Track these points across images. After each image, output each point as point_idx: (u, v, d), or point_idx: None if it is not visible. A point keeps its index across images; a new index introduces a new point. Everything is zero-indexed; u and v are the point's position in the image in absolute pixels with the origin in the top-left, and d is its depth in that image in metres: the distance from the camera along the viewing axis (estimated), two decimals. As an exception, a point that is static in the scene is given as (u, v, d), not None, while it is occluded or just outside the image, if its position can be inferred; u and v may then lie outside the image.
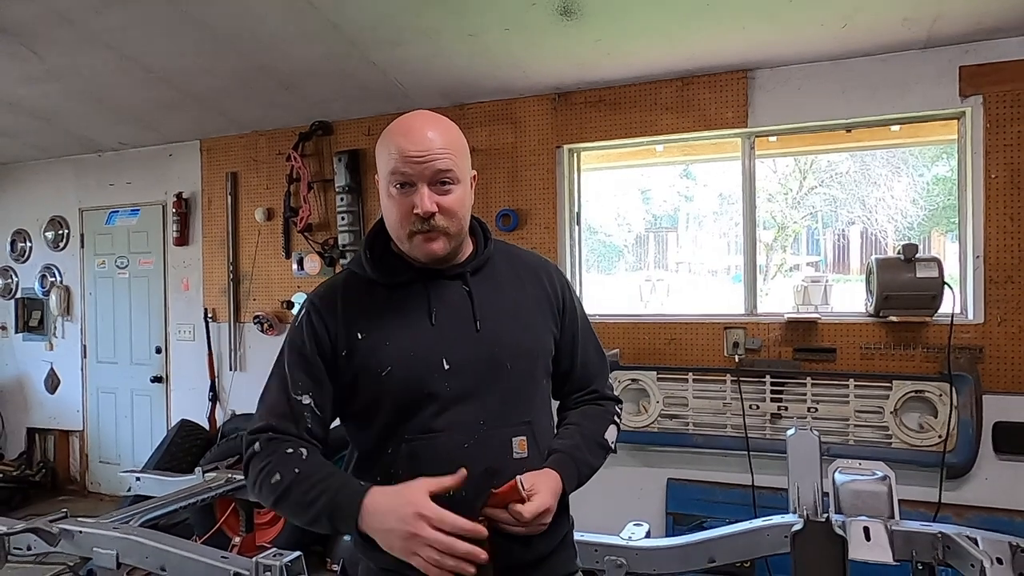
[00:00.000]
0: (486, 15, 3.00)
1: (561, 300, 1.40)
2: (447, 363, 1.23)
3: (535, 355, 1.33)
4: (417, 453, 1.22)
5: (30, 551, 2.30)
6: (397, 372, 1.23)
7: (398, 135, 1.22)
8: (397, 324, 1.26)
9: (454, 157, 1.22)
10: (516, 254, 1.44)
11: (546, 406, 1.38)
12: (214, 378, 4.70)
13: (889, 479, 2.02)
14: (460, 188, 1.23)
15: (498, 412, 1.25)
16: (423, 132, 1.21)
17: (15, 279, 5.49)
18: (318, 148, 4.38)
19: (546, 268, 1.43)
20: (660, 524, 3.48)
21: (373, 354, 1.24)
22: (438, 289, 1.28)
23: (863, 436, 3.21)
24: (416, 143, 1.19)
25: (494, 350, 1.26)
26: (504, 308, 1.31)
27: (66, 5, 3.00)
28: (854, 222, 8.66)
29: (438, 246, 1.23)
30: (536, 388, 1.33)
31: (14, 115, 4.34)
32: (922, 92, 3.16)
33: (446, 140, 1.22)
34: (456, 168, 1.22)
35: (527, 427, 1.28)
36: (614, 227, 9.24)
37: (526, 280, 1.38)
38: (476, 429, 1.23)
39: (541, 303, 1.37)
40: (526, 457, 1.26)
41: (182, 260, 4.87)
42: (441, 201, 1.20)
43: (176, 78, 3.74)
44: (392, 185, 1.21)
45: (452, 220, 1.22)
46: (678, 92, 3.57)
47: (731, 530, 2.11)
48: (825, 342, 3.32)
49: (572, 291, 1.46)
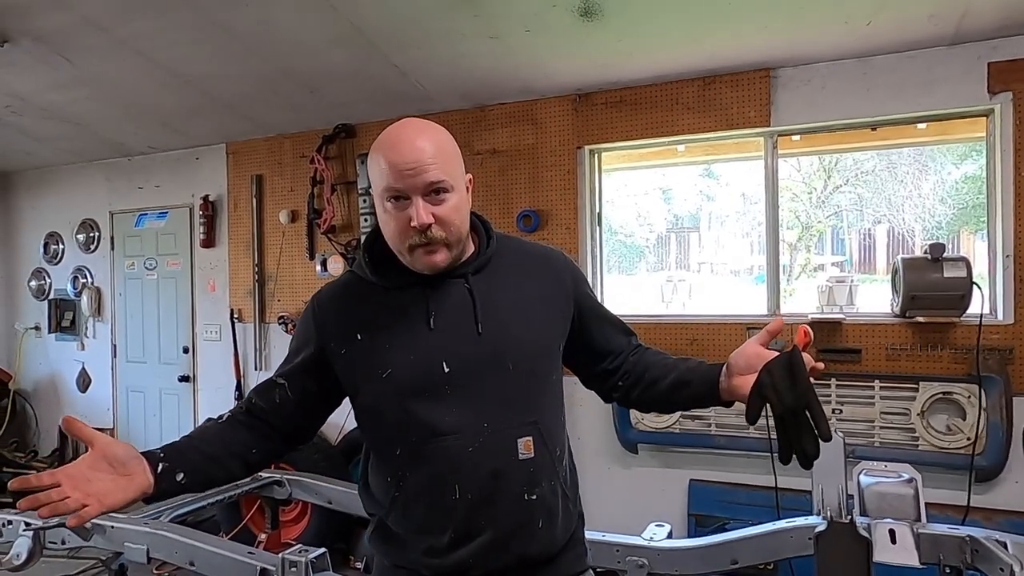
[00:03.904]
0: (507, 17, 3.02)
1: (572, 286, 1.39)
2: (447, 366, 1.23)
3: (540, 352, 1.31)
4: (422, 456, 1.24)
5: (64, 545, 2.36)
6: (397, 374, 1.24)
7: (387, 149, 1.20)
8: (397, 327, 1.27)
9: (445, 165, 1.20)
10: (521, 247, 1.41)
11: (555, 403, 1.35)
12: (240, 378, 4.78)
13: (915, 481, 2.00)
14: (455, 196, 1.21)
15: (502, 414, 1.24)
16: (412, 143, 1.18)
17: (48, 280, 5.63)
18: (341, 151, 4.43)
19: (552, 257, 1.41)
20: (682, 525, 3.47)
21: (373, 356, 1.26)
22: (439, 291, 1.27)
23: (889, 438, 3.16)
24: (405, 156, 1.17)
25: (496, 351, 1.25)
26: (507, 306, 1.29)
27: (98, 13, 3.08)
28: (880, 221, 8.54)
29: (440, 258, 1.22)
30: (543, 386, 1.31)
31: (48, 121, 4.45)
32: (949, 89, 3.11)
33: (436, 149, 1.19)
34: (448, 176, 1.20)
35: (533, 427, 1.26)
36: (635, 227, 9.21)
37: (532, 273, 1.36)
38: (480, 432, 1.22)
39: (548, 296, 1.35)
40: (532, 458, 1.25)
41: (209, 262, 4.95)
42: (436, 212, 1.19)
43: (203, 83, 3.82)
44: (386, 200, 1.20)
45: (450, 229, 1.21)
46: (700, 92, 3.56)
47: (754, 531, 2.10)
48: (850, 343, 3.28)
49: (582, 275, 1.45)
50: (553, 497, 1.28)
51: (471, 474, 1.22)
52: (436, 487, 1.23)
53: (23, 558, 2.23)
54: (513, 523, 1.24)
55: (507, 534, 1.23)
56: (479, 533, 1.22)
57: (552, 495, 1.28)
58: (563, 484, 1.32)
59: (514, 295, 1.31)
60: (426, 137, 1.20)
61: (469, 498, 1.21)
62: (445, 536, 1.23)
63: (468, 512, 1.22)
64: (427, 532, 1.25)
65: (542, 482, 1.26)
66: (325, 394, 1.34)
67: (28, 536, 2.25)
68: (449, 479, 1.22)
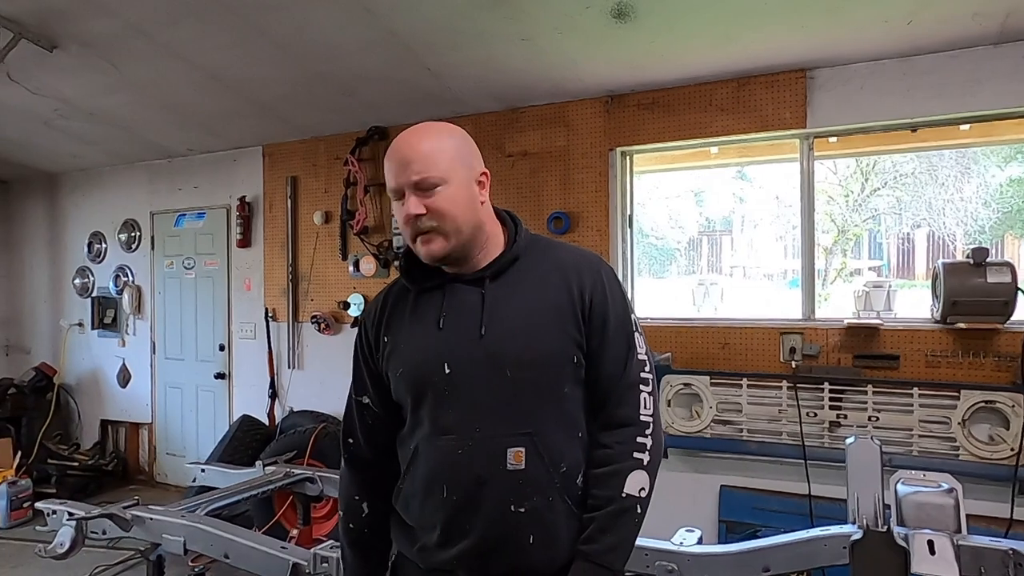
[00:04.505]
0: (539, 19, 3.03)
1: (588, 303, 1.29)
2: (448, 367, 1.26)
3: (546, 363, 1.26)
4: (420, 454, 1.29)
5: (104, 535, 2.43)
6: (407, 373, 1.30)
7: (389, 153, 1.29)
8: (414, 327, 1.32)
9: (437, 161, 1.24)
10: (553, 254, 1.36)
11: (563, 418, 1.28)
12: (273, 375, 4.86)
13: (956, 492, 1.94)
14: (450, 188, 1.24)
15: (494, 420, 1.24)
16: (406, 144, 1.26)
17: (92, 279, 5.81)
18: (374, 153, 4.49)
19: (578, 268, 1.32)
20: (712, 531, 3.43)
21: (393, 356, 1.33)
22: (455, 294, 1.31)
23: (928, 447, 3.08)
24: (398, 156, 1.26)
25: (495, 356, 1.25)
26: (516, 314, 1.27)
27: (142, 19, 3.17)
28: (920, 225, 8.33)
29: (436, 247, 1.26)
30: (545, 398, 1.26)
31: (94, 124, 4.60)
32: (994, 89, 3.02)
33: (430, 147, 1.25)
34: (439, 171, 1.24)
35: (526, 438, 1.23)
36: (667, 229, 9.14)
37: (551, 284, 1.30)
38: (471, 435, 1.24)
39: (562, 309, 1.28)
40: (522, 469, 1.22)
41: (245, 261, 5.06)
42: (428, 203, 1.24)
43: (241, 86, 3.90)
44: (393, 200, 1.30)
45: (444, 220, 1.24)
46: (734, 93, 3.52)
47: (787, 539, 2.06)
48: (887, 349, 3.21)
49: (608, 292, 1.32)
50: (551, 514, 1.24)
51: (457, 477, 1.24)
52: (429, 485, 1.27)
53: (66, 546, 2.30)
54: (497, 534, 1.23)
55: (491, 544, 1.23)
56: (464, 536, 1.24)
57: (549, 511, 1.24)
58: (572, 502, 1.26)
59: (528, 303, 1.29)
60: (421, 137, 1.27)
61: (455, 500, 1.24)
62: (435, 533, 1.27)
63: (454, 513, 1.24)
64: (421, 527, 1.30)
65: (533, 496, 1.23)
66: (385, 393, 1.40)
67: (71, 526, 2.33)
68: (439, 479, 1.25)
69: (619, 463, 1.27)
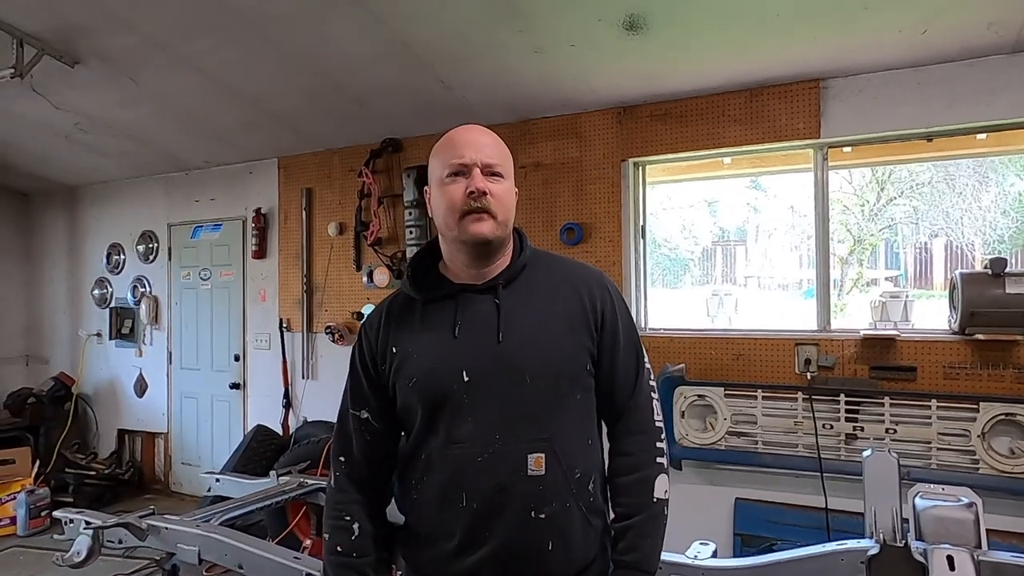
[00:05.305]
0: (552, 32, 3.05)
1: (600, 315, 1.34)
2: (467, 375, 1.26)
3: (562, 370, 1.29)
4: (434, 462, 1.28)
5: (120, 544, 2.45)
6: (421, 382, 1.29)
7: (452, 138, 1.33)
8: (425, 337, 1.32)
9: (502, 157, 1.33)
10: (558, 267, 1.41)
11: (579, 424, 1.32)
12: (288, 386, 4.89)
13: (976, 506, 1.91)
14: (506, 183, 1.32)
15: (515, 427, 1.25)
16: (476, 133, 1.34)
17: (110, 289, 5.88)
18: (388, 164, 4.52)
19: (587, 281, 1.38)
20: (727, 544, 3.39)
21: (404, 366, 1.31)
22: (468, 303, 1.31)
23: (947, 460, 3.04)
24: (467, 137, 1.32)
25: (514, 363, 1.26)
26: (531, 322, 1.30)
27: (160, 33, 3.23)
28: (937, 234, 8.23)
29: (486, 227, 1.27)
30: (562, 405, 1.29)
31: (113, 137, 4.68)
32: (1011, 98, 3.00)
33: (494, 141, 1.35)
34: (503, 164, 1.32)
35: (545, 444, 1.25)
36: (680, 240, 9.11)
37: (561, 294, 1.34)
38: (491, 443, 1.24)
39: (574, 318, 1.32)
40: (543, 475, 1.24)
41: (260, 272, 5.10)
42: (492, 188, 1.28)
43: (256, 99, 3.95)
44: (445, 177, 1.30)
45: (500, 207, 1.29)
46: (746, 103, 3.51)
47: (803, 552, 2.04)
48: (905, 360, 3.17)
49: (616, 305, 1.38)
50: (568, 520, 1.26)
51: (477, 484, 1.24)
52: (446, 493, 1.26)
53: (83, 555, 2.32)
54: (519, 540, 1.24)
55: (513, 550, 1.24)
56: (483, 544, 1.24)
57: (566, 518, 1.26)
58: (585, 508, 1.29)
59: (542, 311, 1.32)
60: (486, 132, 1.36)
61: (475, 507, 1.24)
62: (452, 542, 1.26)
63: (474, 520, 1.24)
64: (437, 537, 1.28)
65: (553, 502, 1.24)
66: (386, 405, 1.39)
67: (88, 535, 2.35)
68: (458, 486, 1.25)
69: (645, 470, 1.33)
